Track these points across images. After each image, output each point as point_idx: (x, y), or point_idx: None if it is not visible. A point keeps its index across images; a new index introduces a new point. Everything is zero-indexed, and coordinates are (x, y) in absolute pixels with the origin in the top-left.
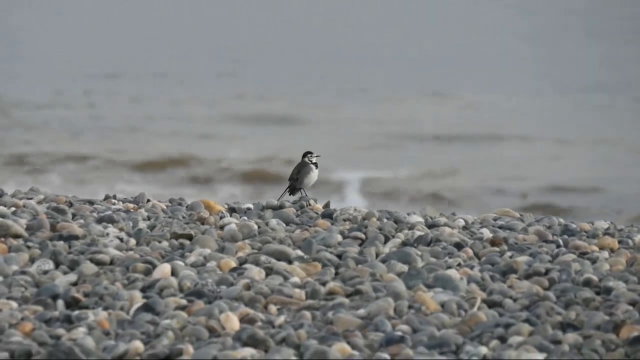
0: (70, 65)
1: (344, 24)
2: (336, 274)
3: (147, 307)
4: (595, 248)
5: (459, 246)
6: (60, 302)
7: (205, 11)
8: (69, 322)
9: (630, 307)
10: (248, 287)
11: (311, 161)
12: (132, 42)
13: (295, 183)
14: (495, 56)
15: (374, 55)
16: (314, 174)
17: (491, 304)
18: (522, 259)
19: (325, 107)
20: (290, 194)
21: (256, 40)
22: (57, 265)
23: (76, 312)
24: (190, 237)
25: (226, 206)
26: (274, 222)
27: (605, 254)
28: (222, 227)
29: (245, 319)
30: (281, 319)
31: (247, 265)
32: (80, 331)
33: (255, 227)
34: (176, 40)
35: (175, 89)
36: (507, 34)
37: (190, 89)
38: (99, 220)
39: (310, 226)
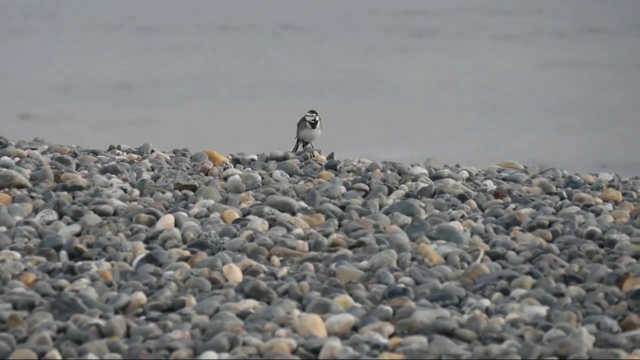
0: None
1: None
2: (339, 225)
3: (150, 259)
4: (599, 200)
5: (462, 198)
6: (63, 253)
7: None
8: (71, 273)
9: (634, 260)
10: (251, 239)
11: (305, 119)
12: None
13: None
14: None
15: None
16: (309, 132)
17: (494, 256)
18: (526, 211)
19: None
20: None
21: None
22: (61, 215)
23: (79, 263)
24: (194, 188)
25: (230, 157)
26: (277, 173)
27: (609, 206)
28: (225, 178)
29: (248, 271)
30: (284, 270)
31: (250, 217)
32: (83, 282)
33: (259, 178)
34: None
35: None
36: None
37: None
38: (103, 171)
39: (314, 177)
